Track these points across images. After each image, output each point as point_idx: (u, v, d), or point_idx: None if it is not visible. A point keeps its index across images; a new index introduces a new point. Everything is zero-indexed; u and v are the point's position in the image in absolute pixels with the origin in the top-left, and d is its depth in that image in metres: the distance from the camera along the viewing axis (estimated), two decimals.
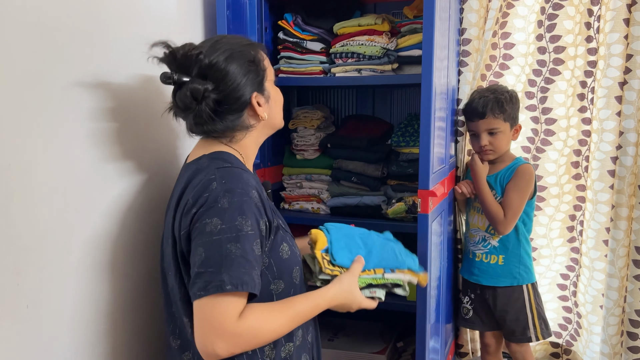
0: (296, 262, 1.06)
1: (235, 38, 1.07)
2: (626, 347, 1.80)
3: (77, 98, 1.03)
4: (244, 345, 0.89)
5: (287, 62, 1.71)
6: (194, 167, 1.00)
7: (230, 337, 0.87)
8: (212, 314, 0.87)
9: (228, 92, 1.01)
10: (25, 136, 0.92)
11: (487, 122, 1.66)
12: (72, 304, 1.04)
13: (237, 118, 1.04)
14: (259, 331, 0.90)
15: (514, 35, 1.83)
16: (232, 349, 0.88)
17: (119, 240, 1.16)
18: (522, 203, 1.65)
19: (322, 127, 1.83)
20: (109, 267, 1.14)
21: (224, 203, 0.91)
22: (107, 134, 1.12)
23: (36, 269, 0.95)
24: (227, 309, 0.87)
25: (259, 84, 1.06)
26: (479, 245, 1.75)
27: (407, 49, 1.58)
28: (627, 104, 1.72)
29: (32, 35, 0.92)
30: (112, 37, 1.13)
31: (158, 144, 1.29)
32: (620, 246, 1.78)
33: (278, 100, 1.14)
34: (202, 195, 0.93)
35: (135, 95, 1.18)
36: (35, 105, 0.93)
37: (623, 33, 1.70)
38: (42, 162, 0.96)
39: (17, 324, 0.92)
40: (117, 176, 1.16)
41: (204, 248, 0.90)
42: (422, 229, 1.33)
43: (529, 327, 1.73)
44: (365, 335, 1.90)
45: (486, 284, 1.74)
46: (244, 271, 0.89)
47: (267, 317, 0.92)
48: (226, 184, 0.93)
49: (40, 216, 0.96)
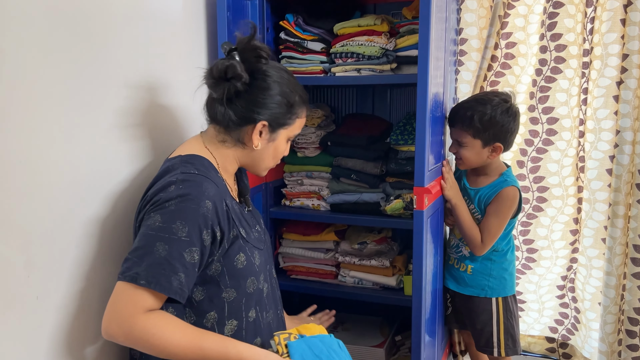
0: (252, 272, 1.07)
1: (300, 87, 1.14)
2: (625, 345, 1.83)
3: (85, 97, 1.07)
4: (133, 341, 0.92)
5: (288, 61, 1.75)
6: (167, 165, 1.05)
7: (125, 326, 0.91)
8: (120, 298, 0.92)
9: (250, 98, 1.07)
10: (37, 134, 0.96)
11: (455, 131, 1.62)
12: (80, 296, 1.08)
13: (237, 123, 1.08)
14: (152, 337, 0.91)
15: (515, 34, 1.85)
16: (123, 338, 0.92)
17: (126, 235, 1.20)
18: (501, 227, 1.60)
19: (322, 126, 1.86)
20: (116, 260, 1.18)
21: (171, 205, 0.95)
22: (116, 131, 1.16)
23: (46, 262, 0.99)
24: (134, 300, 0.91)
25: (276, 122, 1.10)
26: (453, 249, 1.74)
27: (405, 49, 1.61)
28: (624, 103, 1.74)
29: (39, 32, 0.96)
30: (118, 36, 1.16)
31: (167, 139, 1.33)
32: (618, 244, 1.80)
33: (278, 152, 1.16)
34: (159, 194, 0.98)
35: (144, 93, 1.21)
36: (44, 104, 0.97)
37: (620, 33, 1.72)
38: (53, 160, 1.00)
39: (27, 314, 0.96)
40: (125, 174, 1.20)
41: (138, 238, 0.96)
42: (418, 225, 1.37)
43: (492, 341, 1.67)
44: (365, 329, 1.93)
45: (453, 289, 1.72)
46: (163, 272, 0.92)
47: (167, 329, 0.92)
48: (182, 189, 0.97)
49: (50, 211, 1.00)
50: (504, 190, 1.59)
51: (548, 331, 2.07)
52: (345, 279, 1.78)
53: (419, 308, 1.40)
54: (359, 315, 2.04)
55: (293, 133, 1.16)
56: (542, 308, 2.05)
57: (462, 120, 1.58)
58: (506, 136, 1.58)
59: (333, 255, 1.79)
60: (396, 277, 1.72)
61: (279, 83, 1.09)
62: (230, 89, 1.06)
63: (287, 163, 1.88)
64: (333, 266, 1.80)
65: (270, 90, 1.08)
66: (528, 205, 1.96)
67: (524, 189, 1.96)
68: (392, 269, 1.73)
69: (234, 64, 1.04)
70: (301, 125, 1.17)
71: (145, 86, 1.18)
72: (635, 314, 1.78)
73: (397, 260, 1.76)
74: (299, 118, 1.15)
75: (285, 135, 1.14)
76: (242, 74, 1.05)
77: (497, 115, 1.55)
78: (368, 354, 1.80)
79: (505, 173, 1.64)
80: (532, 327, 2.08)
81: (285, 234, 1.89)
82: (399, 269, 1.75)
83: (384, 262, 1.72)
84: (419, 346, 1.40)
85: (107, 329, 0.92)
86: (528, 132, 1.92)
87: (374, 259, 1.73)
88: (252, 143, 1.10)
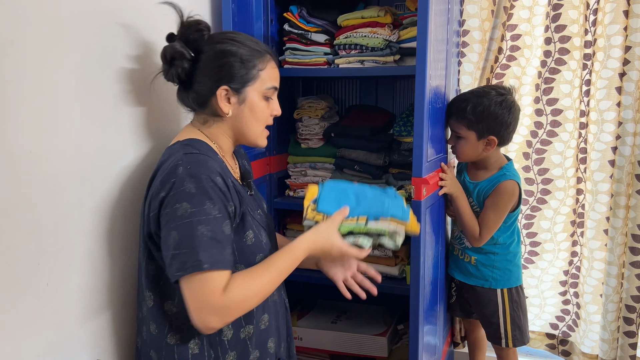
0: (261, 249, 1.10)
1: (252, 41, 1.12)
2: (622, 332, 1.85)
3: (93, 89, 1.09)
4: (234, 313, 0.96)
5: (292, 53, 1.76)
6: (168, 152, 1.07)
7: (220, 310, 0.93)
8: (197, 292, 0.92)
9: (202, 71, 1.08)
10: (45, 125, 0.98)
11: (452, 123, 1.63)
12: (89, 283, 1.11)
13: (203, 99, 1.10)
14: (245, 297, 0.96)
15: (520, 26, 1.85)
16: (225, 319, 0.95)
17: (134, 223, 1.23)
18: (499, 221, 1.60)
19: (326, 117, 1.88)
20: (123, 247, 1.21)
21: (191, 188, 0.95)
22: (124, 123, 1.19)
23: (56, 249, 1.02)
24: (210, 286, 0.92)
25: (237, 82, 1.08)
26: (457, 241, 1.76)
27: (408, 40, 1.62)
28: (626, 95, 1.75)
29: (47, 23, 0.98)
30: (124, 30, 1.18)
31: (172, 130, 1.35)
32: (619, 234, 1.81)
33: (258, 112, 1.12)
34: (169, 180, 0.98)
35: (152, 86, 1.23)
36: (51, 95, 0.99)
37: (622, 25, 1.72)
38: (61, 150, 1.02)
39: (37, 300, 0.98)
40: (133, 163, 1.22)
41: (177, 231, 0.94)
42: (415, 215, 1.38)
43: (500, 332, 1.68)
44: (367, 318, 1.95)
45: (459, 279, 1.74)
46: (216, 251, 0.94)
47: (250, 283, 0.98)
48: (191, 169, 0.98)
49: (60, 200, 1.02)
50: (502, 184, 1.59)
51: (549, 327, 2.08)
52: None
53: (416, 297, 1.42)
54: (362, 304, 2.06)
55: (265, 86, 1.11)
56: (544, 304, 2.05)
57: (457, 112, 1.60)
58: (500, 129, 1.57)
59: None
60: (399, 266, 1.75)
61: (225, 44, 1.07)
62: (178, 71, 1.07)
63: (291, 154, 1.90)
64: None
65: (218, 56, 1.07)
66: (532, 197, 1.97)
67: (529, 181, 1.96)
68: (395, 258, 1.75)
69: (171, 45, 1.07)
70: (272, 75, 1.13)
71: (149, 76, 1.20)
72: (632, 302, 1.80)
73: (399, 250, 1.78)
74: (263, 70, 1.10)
75: (256, 92, 1.10)
76: (182, 50, 1.06)
77: (491, 107, 1.54)
78: (370, 343, 1.83)
79: (505, 167, 1.64)
80: (533, 322, 2.09)
81: (289, 224, 1.91)
82: (401, 258, 1.77)
83: (387, 251, 1.74)
84: (416, 334, 1.42)
85: (206, 323, 0.93)
86: (534, 124, 1.93)
87: (376, 249, 1.75)
88: (224, 112, 1.08)
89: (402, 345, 1.89)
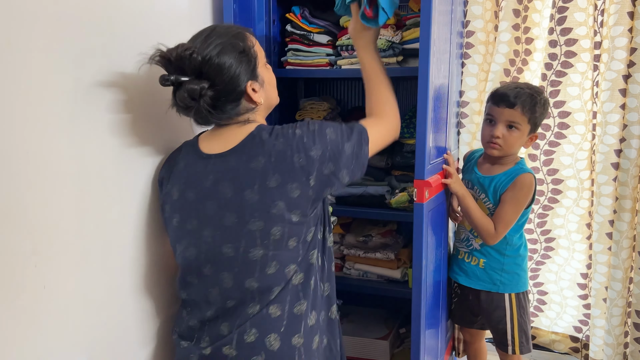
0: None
1: (225, 28, 1.12)
2: (632, 338, 1.82)
3: (90, 90, 1.08)
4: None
5: (294, 54, 1.75)
6: (249, 145, 1.09)
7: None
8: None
9: (224, 86, 1.07)
10: (41, 126, 0.97)
11: (512, 113, 1.53)
12: (85, 285, 1.10)
13: (235, 106, 1.11)
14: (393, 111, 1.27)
15: (533, 30, 1.84)
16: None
17: (130, 224, 1.22)
18: (517, 215, 1.56)
19: (328, 118, 1.87)
20: (120, 250, 1.20)
21: (326, 124, 1.10)
22: (120, 123, 1.17)
23: (52, 251, 1.01)
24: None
25: (252, 72, 1.12)
26: (463, 243, 1.71)
27: (411, 41, 1.61)
28: (631, 97, 1.73)
29: (47, 25, 0.97)
30: (124, 31, 1.17)
31: (170, 133, 1.34)
32: (624, 238, 1.79)
33: (271, 81, 1.21)
34: (294, 137, 1.07)
35: (147, 86, 1.23)
36: (50, 96, 0.99)
37: (627, 26, 1.71)
38: (58, 151, 1.01)
39: (34, 302, 0.97)
40: (130, 163, 1.21)
41: (349, 143, 1.11)
42: (418, 218, 1.37)
43: (507, 338, 1.64)
44: (370, 322, 1.94)
45: (464, 284, 1.69)
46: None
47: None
48: (294, 125, 1.10)
49: (56, 201, 1.01)
50: (521, 177, 1.55)
51: (572, 330, 2.05)
52: (350, 272, 1.79)
53: (418, 300, 1.40)
54: (364, 307, 2.05)
55: (262, 56, 1.18)
56: (565, 304, 2.03)
57: (523, 103, 1.53)
58: (539, 128, 1.62)
59: (338, 248, 1.81)
60: (401, 269, 1.73)
61: (220, 52, 1.06)
62: (206, 102, 1.06)
63: None
64: (338, 258, 1.81)
65: (223, 66, 1.07)
66: (543, 197, 1.96)
67: (539, 181, 1.95)
68: (397, 261, 1.74)
69: (186, 87, 1.05)
70: (258, 44, 1.17)
71: (151, 80, 1.19)
72: None
73: (402, 253, 1.77)
74: (254, 46, 1.14)
75: (262, 69, 1.16)
76: (199, 85, 1.05)
77: (545, 104, 1.59)
78: (372, 346, 1.82)
79: (522, 161, 1.63)
80: (555, 323, 2.05)
81: None
82: (403, 261, 1.76)
83: (389, 254, 1.73)
84: (418, 337, 1.41)
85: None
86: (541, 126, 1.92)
87: (379, 252, 1.74)
88: (258, 102, 1.14)
89: (404, 349, 1.88)
